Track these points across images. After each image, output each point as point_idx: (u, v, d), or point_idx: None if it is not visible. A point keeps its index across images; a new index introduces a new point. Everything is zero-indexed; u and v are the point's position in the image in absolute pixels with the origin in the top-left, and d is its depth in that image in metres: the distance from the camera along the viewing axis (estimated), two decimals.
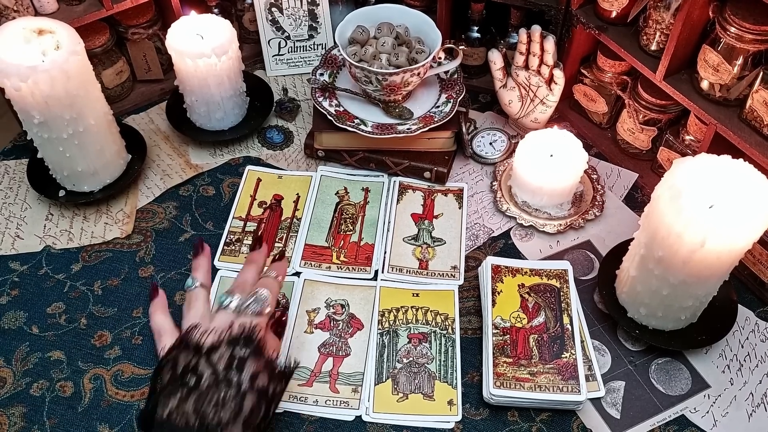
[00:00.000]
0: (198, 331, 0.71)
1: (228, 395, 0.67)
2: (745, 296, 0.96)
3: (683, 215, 0.75)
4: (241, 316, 0.74)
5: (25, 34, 0.90)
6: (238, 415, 0.67)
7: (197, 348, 0.70)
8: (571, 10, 1.06)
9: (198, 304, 0.76)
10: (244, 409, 0.67)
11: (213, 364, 0.68)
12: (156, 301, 0.80)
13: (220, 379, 0.68)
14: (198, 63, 1.03)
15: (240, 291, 0.76)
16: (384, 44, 1.03)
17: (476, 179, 1.11)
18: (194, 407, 0.66)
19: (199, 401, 0.66)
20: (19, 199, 1.07)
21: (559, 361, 0.86)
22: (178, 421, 0.66)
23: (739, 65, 0.89)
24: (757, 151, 0.87)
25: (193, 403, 0.66)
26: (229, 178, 1.11)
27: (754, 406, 0.86)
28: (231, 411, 0.67)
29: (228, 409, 0.67)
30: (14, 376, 0.88)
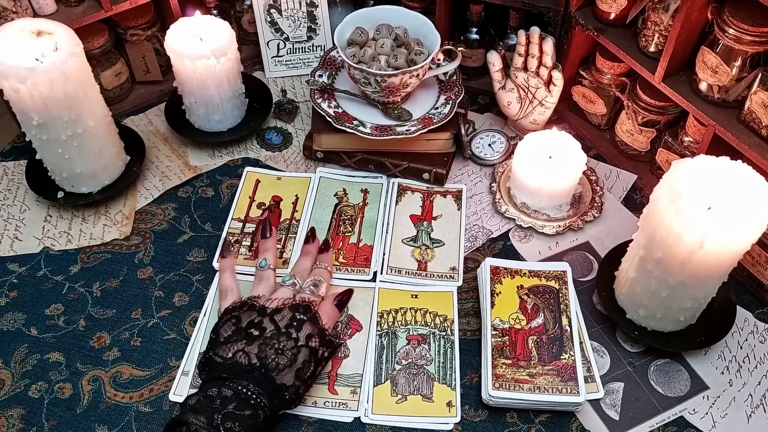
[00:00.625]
0: (262, 299, 0.85)
1: (286, 345, 0.80)
2: (744, 297, 0.96)
3: (682, 216, 0.75)
4: (300, 293, 0.87)
5: (24, 36, 0.90)
6: (293, 363, 0.79)
7: (262, 310, 0.83)
8: (569, 12, 1.06)
9: (268, 282, 0.90)
10: (298, 361, 0.79)
11: (276, 321, 0.82)
12: (227, 260, 0.94)
13: (281, 332, 0.81)
14: (197, 64, 1.03)
15: (299, 276, 0.90)
16: (383, 46, 1.03)
17: (475, 181, 1.11)
18: (258, 350, 0.79)
19: (263, 346, 0.79)
20: (17, 201, 1.07)
21: (558, 363, 0.86)
22: (242, 359, 0.78)
23: (738, 67, 0.89)
24: (755, 153, 0.87)
25: (257, 347, 0.79)
26: (227, 179, 1.11)
27: (753, 408, 0.86)
28: (287, 359, 0.79)
29: (285, 357, 0.79)
30: (13, 378, 0.88)
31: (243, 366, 0.78)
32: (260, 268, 0.91)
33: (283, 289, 0.88)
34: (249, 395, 0.75)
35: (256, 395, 0.76)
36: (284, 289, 0.88)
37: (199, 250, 1.01)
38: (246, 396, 0.75)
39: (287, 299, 0.85)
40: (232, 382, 0.76)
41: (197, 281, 0.98)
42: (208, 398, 0.75)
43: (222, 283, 0.91)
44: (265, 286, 0.88)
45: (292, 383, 0.79)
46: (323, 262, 0.93)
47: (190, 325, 0.93)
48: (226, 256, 0.94)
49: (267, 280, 0.89)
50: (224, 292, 0.89)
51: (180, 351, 0.90)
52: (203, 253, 1.01)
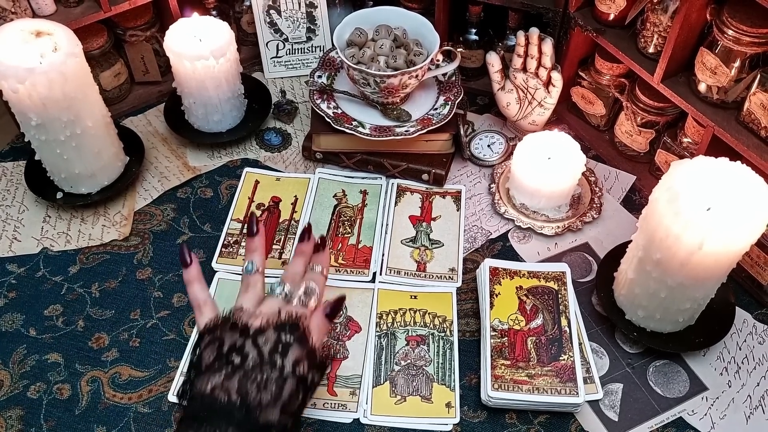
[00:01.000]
0: (245, 314, 0.74)
1: (270, 378, 0.69)
2: (743, 298, 0.96)
3: (681, 217, 0.75)
4: (288, 305, 0.76)
5: (23, 36, 0.90)
6: (278, 398, 0.69)
7: (244, 329, 0.72)
8: (568, 13, 1.06)
9: (255, 289, 0.78)
10: (283, 394, 0.69)
11: (259, 346, 0.71)
12: (191, 270, 0.80)
13: (264, 361, 0.70)
14: (196, 65, 1.03)
15: (290, 281, 0.79)
16: (382, 46, 1.03)
17: (474, 181, 1.11)
18: (238, 385, 0.68)
19: (244, 380, 0.68)
20: (16, 201, 1.07)
21: (557, 364, 0.86)
22: (220, 397, 0.68)
23: (737, 68, 0.89)
24: (754, 154, 0.87)
25: (238, 381, 0.68)
26: (227, 180, 1.11)
27: (752, 409, 0.86)
28: (272, 393, 0.69)
29: (269, 392, 0.69)
30: (11, 379, 0.88)
31: (222, 404, 0.68)
32: (246, 272, 0.80)
33: (270, 300, 0.77)
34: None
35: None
36: (272, 300, 0.77)
37: (198, 250, 1.01)
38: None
39: (273, 315, 0.74)
40: (210, 424, 0.67)
41: None
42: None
43: (193, 297, 0.78)
44: (251, 295, 0.78)
45: (278, 419, 0.69)
46: (318, 263, 0.82)
47: (189, 326, 0.93)
48: (190, 263, 0.80)
49: (254, 287, 0.78)
50: (197, 306, 0.77)
51: (179, 352, 0.90)
52: (202, 253, 1.01)
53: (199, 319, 0.76)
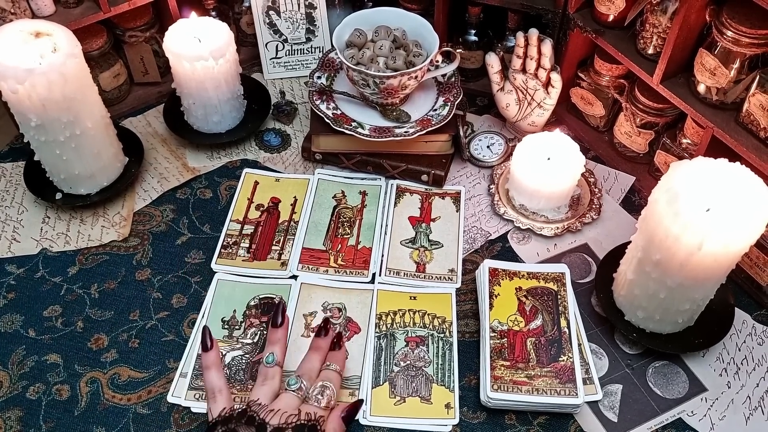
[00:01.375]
0: (263, 410, 0.73)
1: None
2: (742, 299, 0.96)
3: (680, 218, 0.75)
4: (305, 404, 0.76)
5: (22, 37, 0.90)
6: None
7: (261, 427, 0.71)
8: (568, 14, 1.06)
9: (273, 382, 0.78)
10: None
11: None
12: (210, 355, 0.80)
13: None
14: (195, 66, 1.03)
15: (306, 377, 0.78)
16: (381, 47, 1.03)
17: (474, 182, 1.11)
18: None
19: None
20: (15, 202, 1.07)
21: (556, 365, 0.86)
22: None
23: (736, 69, 0.89)
24: (753, 155, 0.87)
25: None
26: (226, 180, 1.11)
27: (751, 410, 0.86)
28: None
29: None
30: (10, 380, 0.88)
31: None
32: (266, 364, 0.78)
33: (287, 395, 0.76)
34: None
35: None
36: (289, 395, 0.76)
37: (197, 251, 1.01)
38: None
39: (292, 415, 0.73)
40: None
41: (195, 283, 0.98)
42: None
43: (209, 383, 0.78)
44: (268, 388, 0.77)
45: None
46: (333, 362, 0.81)
47: (189, 327, 0.93)
48: (210, 348, 0.80)
49: (272, 381, 0.77)
50: (212, 393, 0.77)
51: (178, 353, 0.90)
52: (202, 254, 1.01)
53: (213, 406, 0.76)
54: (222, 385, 0.77)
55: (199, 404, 0.85)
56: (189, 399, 0.86)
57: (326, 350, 0.82)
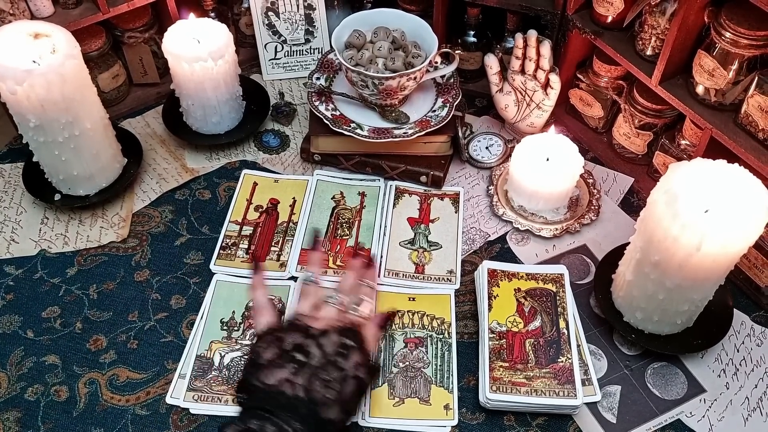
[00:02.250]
0: (306, 318, 0.79)
1: (334, 376, 0.73)
2: (741, 300, 0.96)
3: (679, 219, 0.75)
4: (345, 314, 0.82)
5: (21, 38, 0.90)
6: (340, 397, 0.73)
7: (307, 331, 0.76)
8: (567, 15, 1.06)
9: (312, 296, 0.83)
10: (345, 393, 0.73)
11: (322, 347, 0.75)
12: (258, 277, 0.86)
13: (329, 361, 0.74)
14: (194, 67, 1.03)
15: (344, 293, 0.84)
16: (380, 48, 1.03)
17: (472, 183, 1.11)
18: (305, 381, 0.72)
19: (311, 377, 0.72)
20: (14, 203, 1.07)
21: (555, 366, 0.86)
22: (287, 391, 0.71)
23: (735, 70, 0.89)
24: (752, 156, 0.87)
25: (304, 377, 0.72)
26: (225, 182, 1.11)
27: (750, 411, 0.86)
28: (335, 392, 0.73)
29: (333, 390, 0.73)
30: (9, 381, 0.88)
31: (288, 398, 0.71)
32: (305, 281, 0.86)
33: (328, 307, 0.82)
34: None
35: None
36: (329, 307, 0.82)
37: (196, 252, 1.01)
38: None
39: (334, 320, 0.79)
40: (276, 417, 0.69)
41: (194, 284, 0.98)
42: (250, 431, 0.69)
43: (256, 302, 0.84)
44: (309, 302, 0.82)
45: (338, 417, 0.73)
46: (367, 278, 0.89)
47: (187, 328, 0.93)
48: (258, 272, 0.87)
49: (313, 295, 0.83)
50: (259, 309, 0.82)
51: (177, 354, 0.90)
52: (200, 255, 1.01)
53: (260, 320, 0.80)
54: (267, 303, 0.82)
55: (198, 405, 0.85)
56: (188, 400, 0.86)
57: (360, 269, 0.89)
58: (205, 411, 0.85)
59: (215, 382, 0.87)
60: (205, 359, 0.89)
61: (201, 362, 0.89)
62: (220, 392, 0.86)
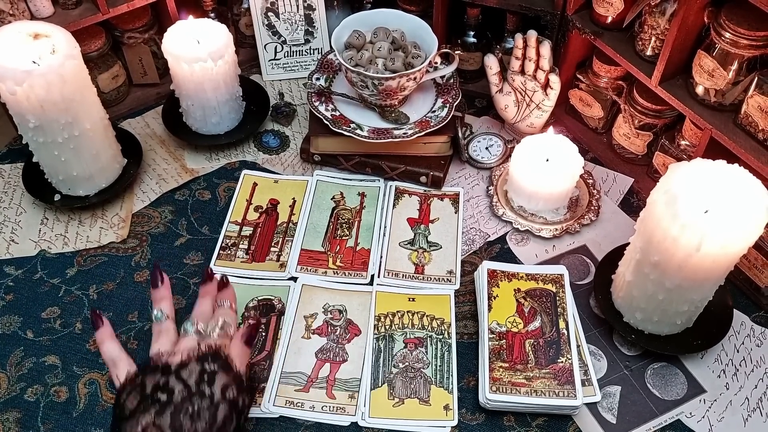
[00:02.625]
0: (165, 355, 0.74)
1: (202, 406, 0.69)
2: (741, 301, 0.96)
3: (679, 220, 0.75)
4: (205, 339, 0.77)
5: (21, 38, 0.90)
6: (212, 425, 0.69)
7: (165, 368, 0.72)
8: (566, 16, 1.06)
9: (168, 333, 0.79)
10: (217, 420, 0.70)
11: (184, 380, 0.71)
12: (103, 330, 0.79)
13: (193, 392, 0.70)
14: (194, 67, 1.03)
15: (202, 320, 0.80)
16: (380, 49, 1.03)
17: (472, 184, 1.11)
18: (171, 420, 0.68)
19: (176, 414, 0.68)
20: (14, 204, 1.07)
21: (555, 366, 0.86)
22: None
23: (734, 70, 0.89)
24: (752, 156, 0.87)
25: (170, 416, 0.68)
26: (225, 182, 1.11)
27: (749, 411, 0.86)
28: (206, 422, 0.69)
29: (203, 420, 0.69)
30: (9, 381, 0.88)
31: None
32: (156, 320, 0.79)
33: (186, 338, 0.77)
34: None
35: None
36: (188, 338, 0.77)
37: (195, 253, 1.01)
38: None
39: (193, 349, 0.74)
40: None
41: (194, 284, 0.98)
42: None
43: (107, 355, 0.77)
44: (165, 339, 0.78)
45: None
46: (226, 299, 0.83)
47: None
48: (101, 325, 0.79)
49: (167, 332, 0.79)
50: (112, 362, 0.76)
51: None
52: (200, 256, 1.01)
53: (118, 373, 0.75)
54: (119, 353, 0.77)
55: None
56: None
57: (214, 293, 0.84)
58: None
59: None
60: None
61: None
62: None
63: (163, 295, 0.82)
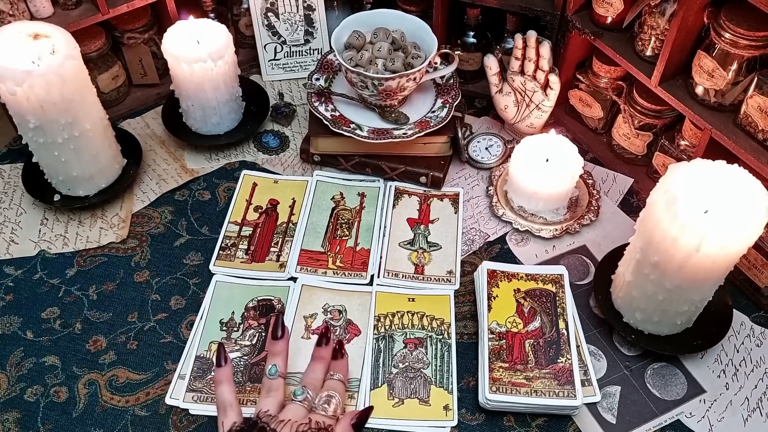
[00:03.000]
0: (274, 420, 0.74)
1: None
2: (741, 301, 0.96)
3: (678, 220, 0.75)
4: (312, 413, 0.76)
5: (20, 39, 0.90)
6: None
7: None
8: (566, 16, 1.06)
9: (277, 393, 0.78)
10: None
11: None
12: (223, 370, 0.80)
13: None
14: (194, 68, 1.03)
15: (311, 388, 0.78)
16: (380, 49, 1.03)
17: (472, 184, 1.11)
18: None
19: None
20: (14, 204, 1.07)
21: (554, 366, 0.86)
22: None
23: (734, 71, 0.89)
24: (751, 156, 0.87)
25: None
26: (224, 182, 1.11)
27: (749, 411, 0.86)
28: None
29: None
30: (8, 382, 0.88)
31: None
32: (269, 376, 0.79)
33: (294, 406, 0.76)
34: None
35: None
36: (295, 405, 0.76)
37: (195, 253, 1.01)
38: None
39: (302, 424, 0.74)
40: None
41: (194, 284, 0.98)
42: None
43: (220, 398, 0.78)
44: (273, 399, 0.77)
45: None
46: (337, 371, 0.81)
47: (187, 329, 0.93)
48: (223, 364, 0.80)
49: (276, 392, 0.78)
50: (223, 408, 0.77)
51: (176, 354, 0.90)
52: (200, 256, 1.01)
53: (224, 420, 0.76)
54: (233, 400, 0.78)
55: (198, 406, 0.85)
56: (187, 401, 0.86)
57: (328, 359, 0.82)
58: (205, 411, 0.85)
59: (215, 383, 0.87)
60: (205, 360, 0.89)
61: (200, 363, 0.89)
62: None
63: (281, 349, 0.81)
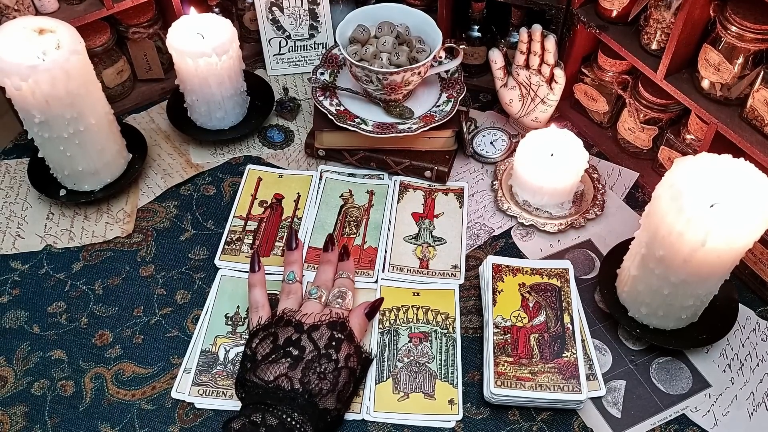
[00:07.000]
0: (297, 314, 0.83)
1: (327, 368, 0.78)
2: (746, 295, 0.96)
3: (684, 214, 0.75)
4: (328, 307, 0.86)
5: (26, 34, 0.90)
6: (335, 387, 0.78)
7: (298, 326, 0.82)
8: (571, 10, 1.06)
9: (296, 295, 0.88)
10: (339, 383, 0.79)
11: (314, 341, 0.80)
12: (257, 275, 0.90)
13: (321, 354, 0.79)
14: (199, 62, 1.03)
15: (324, 287, 0.89)
16: (385, 43, 1.03)
17: (477, 178, 1.11)
18: (301, 374, 0.77)
19: (306, 370, 0.78)
20: (20, 199, 1.07)
21: (559, 361, 0.86)
22: (285, 385, 0.76)
23: (740, 64, 0.89)
24: (758, 150, 0.87)
25: (301, 371, 0.77)
26: (229, 177, 1.11)
27: (755, 406, 0.86)
28: (329, 383, 0.78)
29: (327, 381, 0.78)
30: (15, 376, 0.88)
31: (286, 392, 0.76)
32: (288, 281, 0.89)
33: (311, 302, 0.86)
34: (294, 425, 0.74)
35: (300, 424, 0.74)
36: (312, 302, 0.86)
37: (201, 247, 1.01)
38: (291, 426, 0.74)
39: (322, 314, 0.84)
40: (276, 409, 0.74)
41: (199, 279, 0.98)
42: (253, 424, 0.73)
43: (253, 299, 0.88)
44: (293, 300, 0.87)
45: (334, 407, 0.78)
46: (345, 270, 0.92)
47: (192, 323, 0.93)
48: (257, 270, 0.90)
49: (295, 294, 0.88)
50: (255, 307, 0.87)
51: (182, 349, 0.91)
52: (205, 250, 1.01)
53: (254, 317, 0.85)
54: (265, 302, 0.87)
55: (203, 400, 0.85)
56: (193, 395, 0.86)
57: (335, 262, 0.93)
58: (211, 405, 0.85)
59: (220, 377, 0.87)
60: (210, 354, 0.89)
61: (206, 357, 0.89)
62: (225, 387, 0.86)
63: (296, 258, 0.93)
